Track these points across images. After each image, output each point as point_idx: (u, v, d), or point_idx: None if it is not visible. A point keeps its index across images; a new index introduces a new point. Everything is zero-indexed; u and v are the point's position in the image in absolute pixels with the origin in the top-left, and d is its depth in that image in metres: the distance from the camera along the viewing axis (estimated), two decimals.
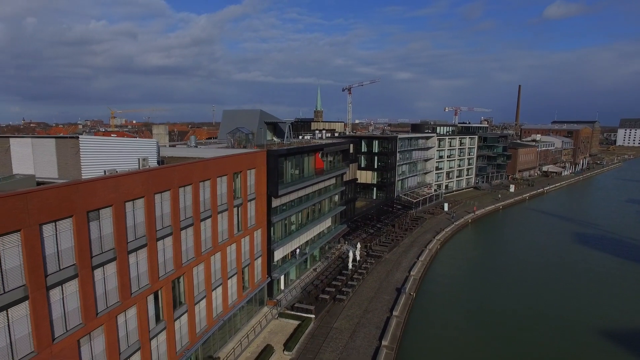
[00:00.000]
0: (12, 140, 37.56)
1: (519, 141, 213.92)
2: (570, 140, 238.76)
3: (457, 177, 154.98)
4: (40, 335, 26.19)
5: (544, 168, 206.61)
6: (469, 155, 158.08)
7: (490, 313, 63.65)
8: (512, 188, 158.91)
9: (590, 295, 70.18)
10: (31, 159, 36.76)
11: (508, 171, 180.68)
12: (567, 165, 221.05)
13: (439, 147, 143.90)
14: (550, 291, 71.82)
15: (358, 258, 78.14)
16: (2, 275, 23.91)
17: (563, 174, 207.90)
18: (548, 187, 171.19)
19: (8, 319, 24.44)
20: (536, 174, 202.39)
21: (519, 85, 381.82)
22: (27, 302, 25.34)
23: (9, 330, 24.57)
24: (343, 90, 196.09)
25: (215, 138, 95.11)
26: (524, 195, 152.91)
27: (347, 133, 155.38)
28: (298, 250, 66.51)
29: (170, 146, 64.65)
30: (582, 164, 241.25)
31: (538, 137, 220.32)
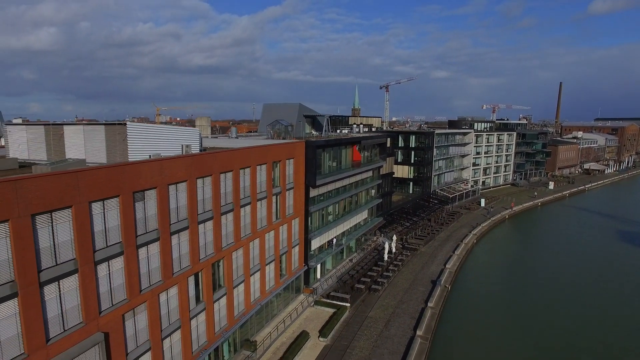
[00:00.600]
0: (65, 127, 39.23)
1: (559, 138, 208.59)
2: (614, 137, 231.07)
3: (494, 173, 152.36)
4: (88, 307, 27.41)
5: (586, 166, 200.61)
6: (507, 151, 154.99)
7: (525, 307, 62.58)
8: (551, 185, 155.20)
9: (633, 294, 68.08)
10: (82, 145, 38.29)
11: (547, 168, 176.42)
12: (610, 163, 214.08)
13: (476, 143, 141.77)
14: (589, 288, 70.13)
15: (394, 250, 78.01)
16: (54, 248, 25.23)
17: (606, 171, 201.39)
18: (589, 185, 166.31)
19: (59, 290, 25.73)
20: (577, 172, 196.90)
21: (560, 83, 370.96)
22: (76, 275, 26.58)
23: (60, 301, 25.85)
24: (380, 88, 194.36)
25: (255, 132, 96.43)
26: (563, 193, 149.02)
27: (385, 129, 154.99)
28: (334, 240, 66.96)
29: (212, 138, 66.00)
30: (628, 161, 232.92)
31: (579, 134, 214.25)
